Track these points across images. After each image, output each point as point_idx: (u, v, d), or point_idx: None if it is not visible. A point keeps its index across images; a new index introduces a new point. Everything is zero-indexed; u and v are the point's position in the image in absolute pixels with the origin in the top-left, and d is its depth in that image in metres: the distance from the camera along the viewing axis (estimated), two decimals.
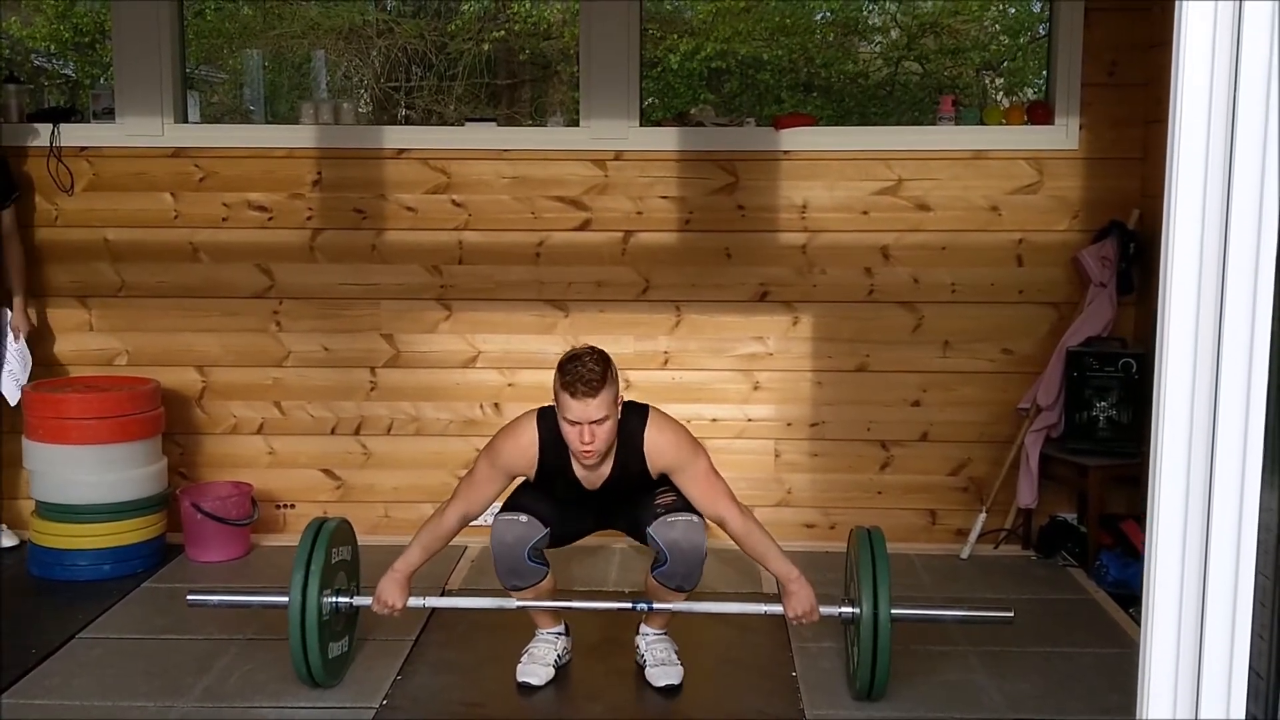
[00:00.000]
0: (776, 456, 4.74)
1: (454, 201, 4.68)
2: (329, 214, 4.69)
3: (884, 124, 7.46)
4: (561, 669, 3.53)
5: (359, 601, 3.45)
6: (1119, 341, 4.51)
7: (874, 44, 8.40)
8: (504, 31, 8.16)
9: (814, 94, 8.03)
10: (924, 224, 4.62)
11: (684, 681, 3.46)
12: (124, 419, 4.36)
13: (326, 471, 4.82)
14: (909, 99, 8.05)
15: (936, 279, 4.64)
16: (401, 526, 4.59)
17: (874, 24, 8.42)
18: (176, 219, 4.71)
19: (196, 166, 4.70)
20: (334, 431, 4.80)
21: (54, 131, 4.65)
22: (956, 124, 4.67)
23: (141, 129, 4.66)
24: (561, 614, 3.58)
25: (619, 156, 4.64)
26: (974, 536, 4.60)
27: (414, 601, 3.37)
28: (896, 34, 8.35)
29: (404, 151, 4.68)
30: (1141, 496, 3.88)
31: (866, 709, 3.31)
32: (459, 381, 4.76)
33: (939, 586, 4.29)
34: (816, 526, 4.76)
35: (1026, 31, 8.03)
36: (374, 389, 4.77)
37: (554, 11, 8.16)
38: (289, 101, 8.21)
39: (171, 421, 4.64)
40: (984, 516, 4.60)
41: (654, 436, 3.28)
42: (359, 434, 4.80)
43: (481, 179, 4.66)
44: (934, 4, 8.04)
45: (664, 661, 3.48)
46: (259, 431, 4.81)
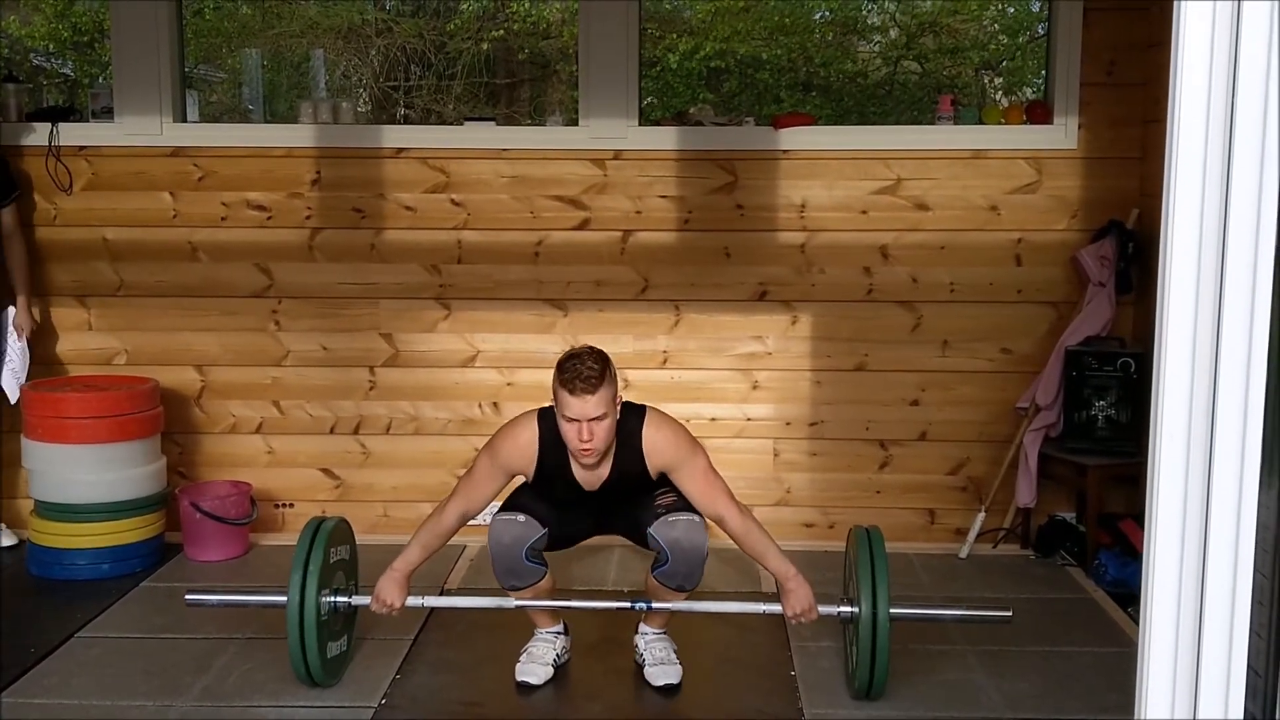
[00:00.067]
0: (775, 456, 4.75)
1: (453, 201, 4.68)
2: (328, 213, 4.69)
3: (883, 123, 7.46)
4: (560, 668, 3.53)
5: (357, 601, 3.45)
6: (1118, 341, 4.51)
7: (873, 43, 8.41)
8: (503, 31, 8.16)
9: (813, 93, 8.04)
10: (923, 223, 4.62)
11: (683, 681, 3.46)
12: (123, 418, 4.36)
13: (325, 471, 4.82)
14: (908, 98, 8.06)
15: (935, 278, 4.64)
16: (400, 526, 4.60)
17: (873, 23, 8.42)
18: (175, 218, 4.71)
19: (195, 166, 4.70)
20: (333, 431, 4.80)
21: (53, 131, 4.64)
22: (955, 123, 4.67)
23: (140, 128, 4.66)
24: (560, 613, 3.58)
25: (618, 156, 4.64)
26: (973, 536, 4.61)
27: (413, 601, 3.37)
28: (895, 33, 8.36)
29: (403, 151, 4.68)
30: (1140, 496, 3.88)
31: (865, 708, 3.31)
32: (458, 381, 4.76)
33: (938, 586, 4.29)
34: (815, 526, 4.76)
35: (1025, 31, 8.04)
36: (373, 388, 4.77)
37: (553, 11, 8.16)
38: (288, 101, 8.22)
39: (170, 421, 4.65)
40: (983, 516, 4.61)
41: (652, 435, 3.28)
42: (358, 433, 4.80)
43: (480, 178, 4.66)
44: (933, 3, 8.05)
45: (663, 661, 3.48)
46: (258, 431, 4.81)
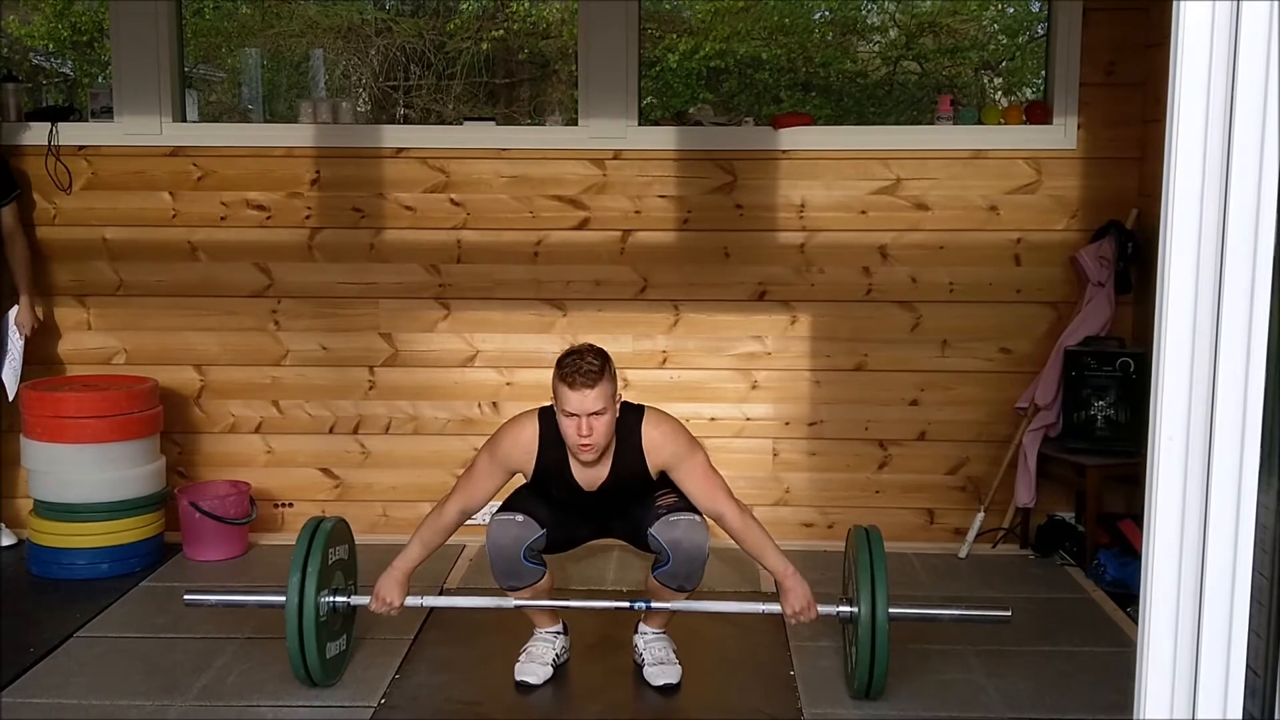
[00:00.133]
0: (775, 456, 4.75)
1: (452, 200, 4.68)
2: (327, 213, 4.69)
3: (882, 123, 7.46)
4: (560, 668, 3.53)
5: (356, 601, 3.45)
6: (1117, 341, 4.51)
7: (872, 43, 8.41)
8: (503, 31, 8.16)
9: (812, 93, 8.04)
10: (922, 223, 4.62)
11: (682, 680, 3.46)
12: (122, 418, 4.36)
13: (325, 470, 4.82)
14: (907, 98, 8.06)
15: (935, 278, 4.64)
16: (400, 525, 4.60)
17: (872, 23, 8.42)
18: (175, 218, 4.71)
19: (195, 165, 4.69)
20: (332, 430, 4.80)
21: (52, 130, 4.64)
22: (955, 123, 4.66)
23: (140, 128, 4.66)
24: (560, 613, 3.58)
25: (617, 155, 4.64)
26: (972, 536, 4.61)
27: (412, 601, 3.37)
28: (895, 33, 8.36)
29: (402, 150, 4.68)
30: (1139, 496, 3.87)
31: (864, 708, 3.31)
32: (457, 380, 4.76)
33: (937, 585, 4.29)
34: (815, 526, 4.76)
35: (1025, 31, 8.04)
36: (372, 388, 4.77)
37: (553, 11, 8.16)
38: (287, 100, 8.22)
39: (170, 420, 4.65)
40: (982, 516, 4.60)
41: (651, 432, 3.29)
42: (357, 433, 4.80)
43: (480, 178, 4.66)
44: (932, 3, 8.04)
45: (662, 660, 3.48)
46: (257, 430, 4.81)
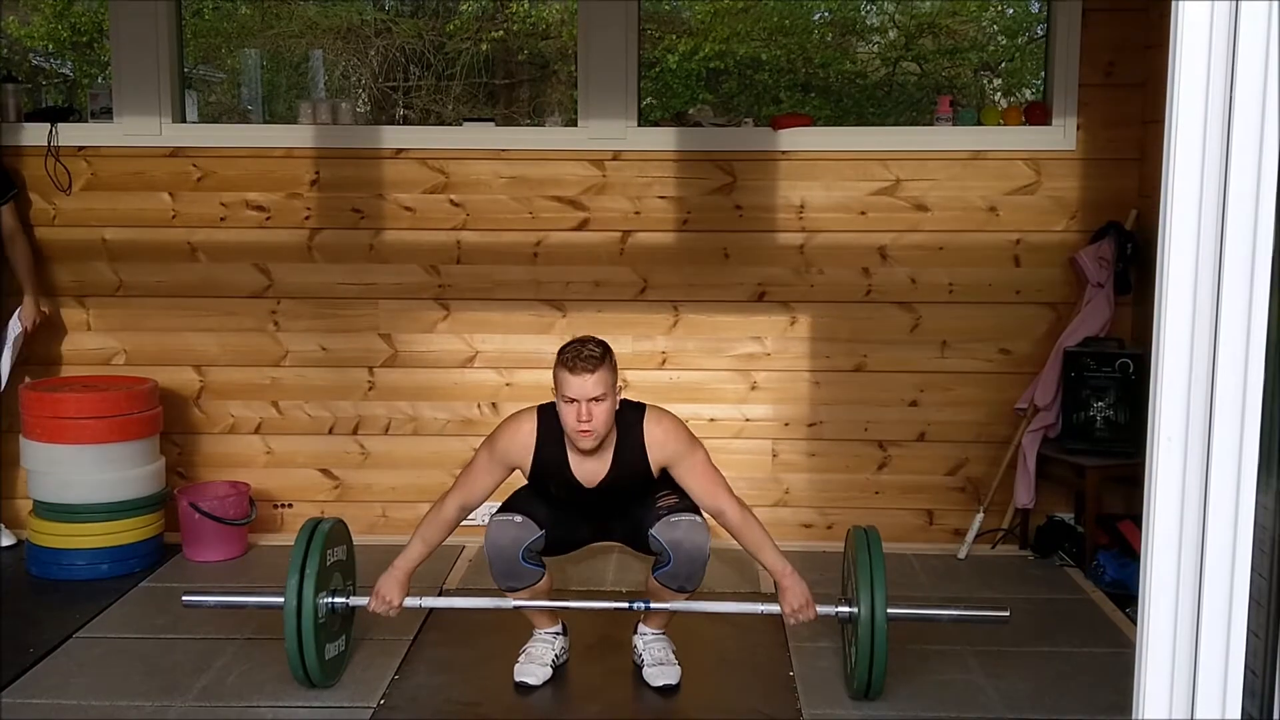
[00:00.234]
0: (774, 456, 4.75)
1: (452, 201, 4.68)
2: (327, 214, 4.70)
3: (882, 124, 7.47)
4: (559, 669, 3.53)
5: (355, 602, 3.45)
6: (1116, 342, 4.52)
7: (872, 44, 8.41)
8: (502, 31, 8.16)
9: (812, 94, 8.04)
10: (922, 224, 4.62)
11: (681, 681, 3.46)
12: (122, 418, 4.36)
13: (324, 471, 4.82)
14: (907, 99, 8.06)
15: (934, 279, 4.64)
16: (399, 526, 4.60)
17: (872, 24, 8.42)
18: (174, 219, 4.71)
19: (195, 166, 4.70)
20: (332, 431, 4.80)
21: (52, 131, 4.64)
22: (954, 124, 4.66)
23: (139, 128, 4.66)
24: (559, 614, 3.58)
25: (617, 156, 4.64)
26: (971, 536, 4.61)
27: (411, 602, 3.36)
28: (894, 34, 8.36)
29: (402, 151, 4.68)
30: (1138, 497, 3.88)
31: (864, 708, 3.31)
32: (457, 381, 4.76)
33: (936, 586, 4.29)
34: (814, 526, 4.76)
35: (1024, 32, 8.04)
36: (372, 388, 4.77)
37: (552, 11, 8.16)
38: (287, 101, 8.22)
39: (169, 421, 4.64)
40: (981, 516, 4.60)
41: (653, 429, 3.30)
42: (357, 434, 4.80)
43: (479, 179, 4.67)
44: (932, 4, 8.05)
45: (662, 661, 3.48)
46: (257, 431, 4.81)
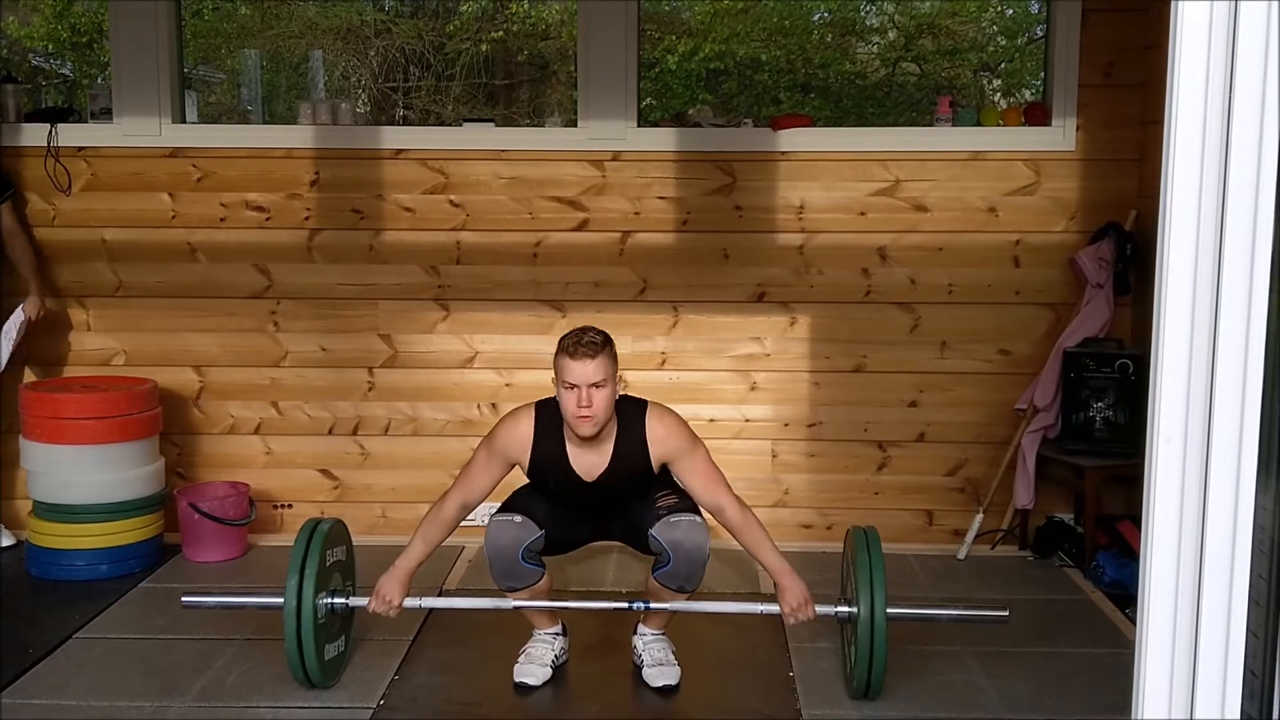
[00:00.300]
0: (774, 457, 4.75)
1: (452, 202, 4.68)
2: (327, 214, 4.70)
3: (881, 125, 7.46)
4: (559, 669, 3.53)
5: (355, 602, 3.44)
6: (1116, 342, 4.52)
7: (871, 45, 8.41)
8: (502, 32, 8.16)
9: (811, 95, 8.04)
10: (921, 225, 4.62)
11: (681, 681, 3.46)
12: (121, 419, 4.36)
13: (324, 472, 4.82)
14: (906, 100, 8.05)
15: (934, 280, 4.64)
16: (399, 526, 4.60)
17: (872, 25, 8.42)
18: (174, 219, 4.71)
19: (194, 167, 4.70)
20: (331, 432, 4.80)
21: (52, 131, 4.64)
22: (954, 125, 4.67)
23: (139, 129, 4.66)
24: (559, 614, 3.58)
25: (617, 157, 4.64)
26: (971, 537, 4.61)
27: (411, 602, 3.36)
28: (894, 35, 8.35)
29: (402, 152, 4.68)
30: (1138, 497, 3.88)
31: (863, 708, 3.31)
32: (456, 382, 4.76)
33: (936, 587, 4.29)
34: (814, 527, 4.76)
35: (1024, 33, 8.04)
36: (371, 389, 4.77)
37: (552, 12, 8.16)
38: (287, 101, 8.21)
39: (169, 421, 4.64)
40: (981, 517, 4.61)
41: (655, 424, 3.31)
42: (356, 434, 4.80)
43: (479, 179, 4.67)
44: (932, 5, 8.05)
45: (661, 662, 3.48)
46: (256, 432, 4.81)
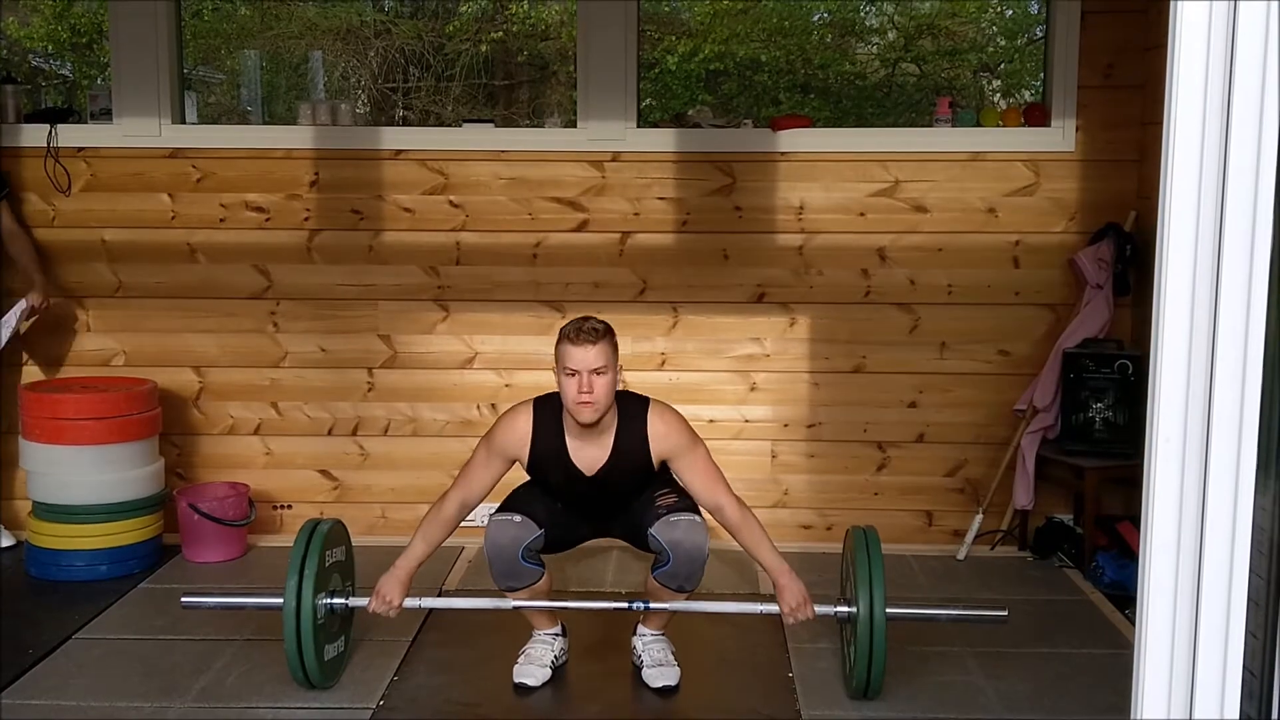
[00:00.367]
0: (773, 457, 4.75)
1: (451, 202, 4.68)
2: (326, 215, 4.70)
3: (881, 125, 7.47)
4: (558, 670, 3.54)
5: (354, 603, 3.45)
6: (1115, 343, 4.52)
7: (871, 45, 8.41)
8: (502, 32, 8.16)
9: (811, 95, 8.04)
10: (921, 225, 4.62)
11: (681, 682, 3.46)
12: (121, 419, 4.36)
13: (323, 472, 4.82)
14: (906, 100, 8.05)
15: (933, 280, 4.65)
16: (398, 527, 4.60)
17: (871, 25, 8.42)
18: (174, 220, 4.71)
19: (194, 167, 4.70)
20: (331, 432, 4.80)
21: (51, 132, 4.64)
22: (953, 126, 4.67)
23: (139, 129, 4.66)
24: (558, 614, 3.58)
25: (616, 158, 4.64)
26: (970, 537, 4.61)
27: (411, 602, 3.36)
28: (894, 35, 8.35)
29: (401, 152, 4.68)
30: (1137, 498, 3.88)
31: (862, 708, 3.31)
32: (456, 382, 4.76)
33: (935, 587, 4.29)
34: (813, 527, 4.76)
35: (1024, 33, 8.04)
36: (371, 390, 4.77)
37: (552, 13, 8.16)
38: (286, 102, 8.21)
39: (168, 422, 4.64)
40: (980, 517, 4.61)
41: (656, 421, 3.32)
42: (356, 435, 4.80)
43: (479, 180, 4.67)
44: (931, 5, 8.05)
45: (661, 662, 3.48)
46: (256, 432, 4.81)
